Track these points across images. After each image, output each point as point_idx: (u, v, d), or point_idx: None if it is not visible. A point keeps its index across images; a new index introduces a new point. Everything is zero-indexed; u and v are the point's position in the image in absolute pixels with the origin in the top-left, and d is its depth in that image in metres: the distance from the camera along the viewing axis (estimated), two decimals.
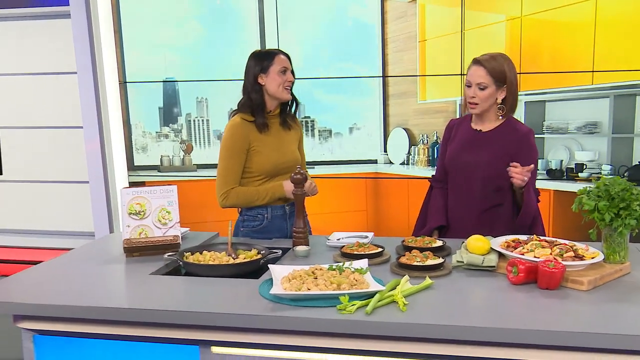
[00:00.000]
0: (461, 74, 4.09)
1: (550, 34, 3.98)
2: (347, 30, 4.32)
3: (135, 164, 4.75)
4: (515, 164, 2.37)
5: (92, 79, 4.56)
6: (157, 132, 4.67)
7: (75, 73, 4.60)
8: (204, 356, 1.87)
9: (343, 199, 4.45)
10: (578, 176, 4.05)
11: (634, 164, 3.95)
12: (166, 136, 4.66)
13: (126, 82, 4.61)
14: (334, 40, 4.35)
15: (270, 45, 4.33)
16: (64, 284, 2.09)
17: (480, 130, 2.63)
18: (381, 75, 4.31)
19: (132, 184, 4.72)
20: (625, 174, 3.93)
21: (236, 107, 2.73)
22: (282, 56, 2.64)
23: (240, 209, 2.76)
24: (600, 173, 3.99)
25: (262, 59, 2.63)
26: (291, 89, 2.69)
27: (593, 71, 3.90)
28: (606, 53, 3.86)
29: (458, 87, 4.11)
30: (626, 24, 3.81)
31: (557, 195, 4.06)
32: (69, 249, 4.56)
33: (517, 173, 2.36)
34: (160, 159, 4.70)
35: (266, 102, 2.68)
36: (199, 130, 4.60)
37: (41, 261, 2.38)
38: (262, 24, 4.39)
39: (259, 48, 4.36)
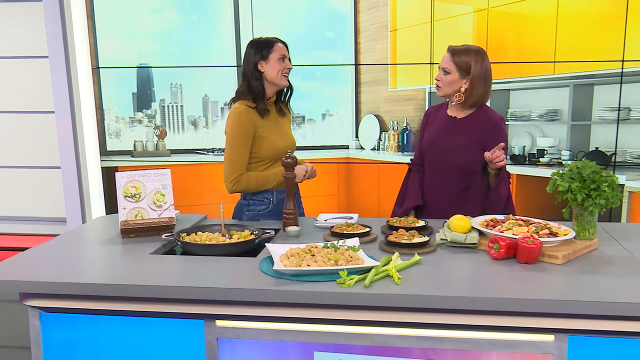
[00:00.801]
0: (430, 63, 4.25)
1: (515, 26, 4.17)
2: (321, 19, 4.41)
3: (107, 149, 4.74)
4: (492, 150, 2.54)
5: (64, 63, 4.52)
6: (130, 118, 4.67)
7: (47, 57, 4.55)
8: (209, 329, 1.96)
9: (315, 183, 4.51)
10: (539, 161, 4.27)
11: (590, 150, 4.19)
12: (140, 122, 4.67)
13: (99, 67, 4.59)
14: (308, 29, 4.43)
15: (245, 32, 4.38)
16: (67, 263, 2.15)
17: (455, 117, 2.78)
18: (354, 63, 4.43)
19: (105, 169, 4.72)
20: (582, 159, 4.17)
21: (234, 95, 2.79)
22: (280, 44, 2.73)
23: (243, 194, 2.82)
24: (560, 158, 4.22)
25: (261, 47, 2.70)
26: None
27: (554, 62, 4.11)
28: (567, 45, 4.08)
29: (428, 75, 4.27)
30: (586, 17, 4.03)
31: (519, 179, 4.28)
32: (41, 235, 4.56)
33: (497, 156, 2.51)
34: (134, 144, 4.70)
35: (265, 88, 2.75)
36: (173, 116, 4.63)
37: (14, 247, 2.41)
38: (236, 9, 4.43)
39: (233, 35, 4.43)
